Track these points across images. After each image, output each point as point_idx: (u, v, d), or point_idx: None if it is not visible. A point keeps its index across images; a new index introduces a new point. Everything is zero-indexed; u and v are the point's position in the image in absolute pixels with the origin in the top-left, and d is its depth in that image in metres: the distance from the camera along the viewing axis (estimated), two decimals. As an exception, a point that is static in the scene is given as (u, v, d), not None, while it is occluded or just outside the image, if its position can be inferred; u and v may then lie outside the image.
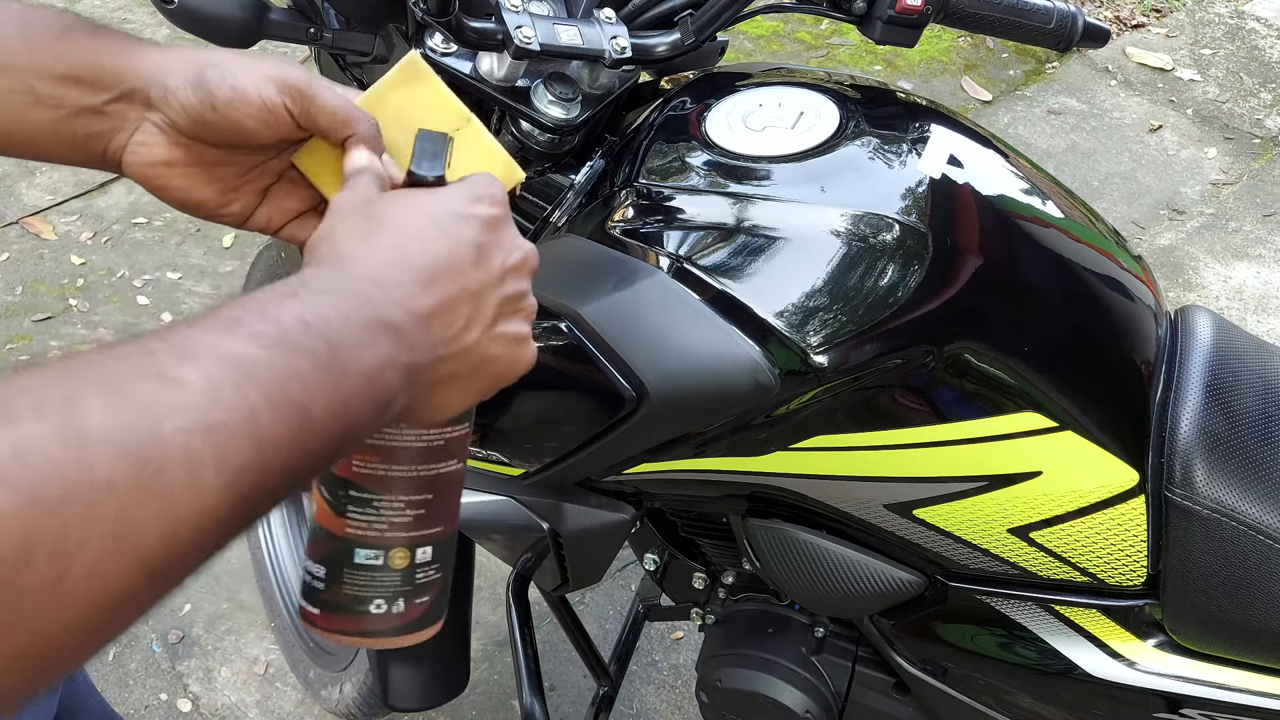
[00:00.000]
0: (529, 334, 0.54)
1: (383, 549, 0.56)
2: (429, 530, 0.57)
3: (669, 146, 0.85)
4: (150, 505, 0.34)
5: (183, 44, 0.60)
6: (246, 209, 0.61)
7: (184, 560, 0.36)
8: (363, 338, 0.43)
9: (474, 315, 0.50)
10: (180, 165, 0.58)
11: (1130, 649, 0.91)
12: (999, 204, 0.86)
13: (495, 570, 1.81)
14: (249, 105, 0.55)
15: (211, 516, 0.36)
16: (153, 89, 0.56)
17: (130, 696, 1.68)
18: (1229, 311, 2.49)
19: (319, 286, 0.44)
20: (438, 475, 0.57)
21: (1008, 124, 2.99)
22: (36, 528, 0.31)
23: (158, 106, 0.56)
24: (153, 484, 0.34)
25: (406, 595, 0.57)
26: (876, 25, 0.89)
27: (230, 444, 0.36)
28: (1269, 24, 3.44)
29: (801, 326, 0.77)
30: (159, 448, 0.34)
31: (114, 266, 2.36)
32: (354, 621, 0.57)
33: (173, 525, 0.34)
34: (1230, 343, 0.95)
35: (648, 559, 1.18)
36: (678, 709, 1.72)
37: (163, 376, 0.36)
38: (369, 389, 0.43)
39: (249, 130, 0.56)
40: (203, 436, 0.35)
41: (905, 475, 0.83)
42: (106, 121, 0.56)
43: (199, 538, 0.36)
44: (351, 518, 0.56)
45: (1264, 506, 0.83)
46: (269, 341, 0.39)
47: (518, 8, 0.78)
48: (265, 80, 0.55)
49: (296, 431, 0.39)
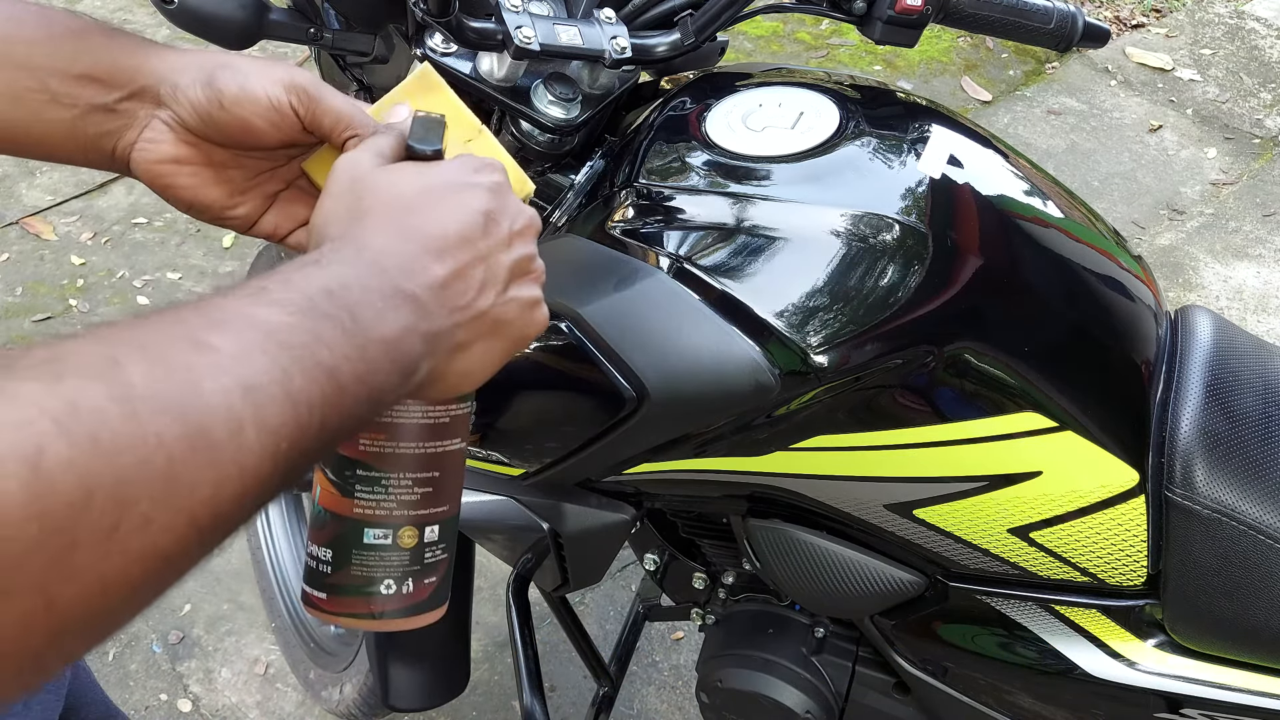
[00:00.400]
0: (540, 297, 0.55)
1: (392, 528, 0.57)
2: (436, 509, 0.58)
3: (669, 146, 0.85)
4: (197, 460, 0.35)
5: (193, 46, 0.60)
6: (253, 214, 0.61)
7: (229, 516, 0.37)
8: (383, 306, 0.44)
9: (487, 280, 0.51)
10: (188, 164, 0.58)
11: (1130, 649, 0.91)
12: (999, 204, 0.86)
13: (495, 570, 1.81)
14: (256, 104, 0.56)
15: (254, 474, 0.37)
16: (163, 87, 0.57)
17: (131, 697, 1.68)
18: (1229, 311, 2.49)
19: (336, 259, 0.46)
20: (443, 452, 0.58)
21: (1008, 124, 2.99)
22: (94, 477, 0.32)
23: (167, 104, 0.57)
24: (198, 440, 0.35)
25: (415, 575, 0.58)
26: (876, 25, 0.89)
27: (268, 404, 0.37)
28: (1269, 24, 3.44)
29: (802, 326, 0.77)
30: (201, 404, 0.35)
31: (114, 267, 2.36)
32: (364, 603, 0.57)
33: (218, 481, 0.35)
34: (1230, 343, 0.95)
35: (648, 559, 1.18)
36: (678, 709, 1.72)
37: (196, 341, 0.37)
38: (392, 355, 0.44)
39: (256, 129, 0.56)
40: (241, 396, 0.36)
41: (905, 475, 0.83)
42: (117, 119, 0.57)
43: (243, 494, 0.37)
44: (360, 497, 0.56)
45: (1264, 506, 0.83)
46: (295, 308, 0.40)
47: (518, 8, 0.78)
48: (274, 81, 0.56)
49: (329, 394, 0.40)
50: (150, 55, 0.57)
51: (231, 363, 0.37)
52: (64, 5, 3.03)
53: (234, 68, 0.56)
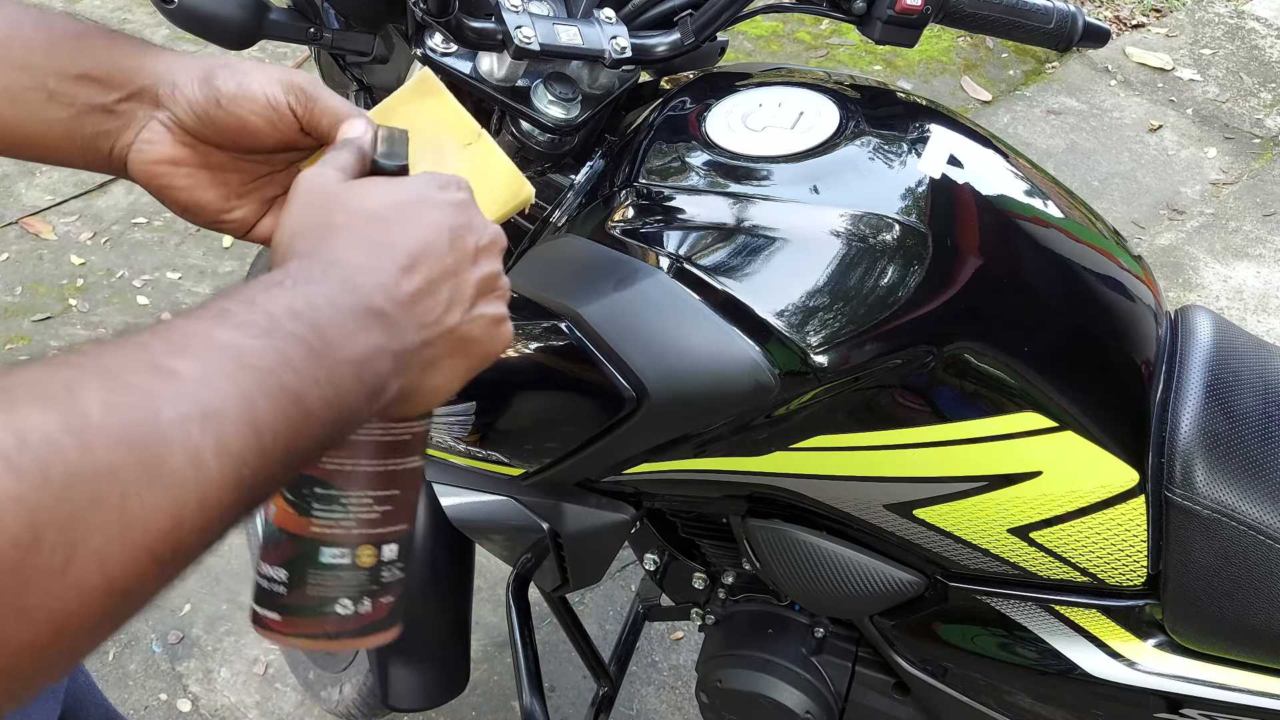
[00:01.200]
0: (505, 314, 0.54)
1: (350, 547, 0.55)
2: (395, 527, 0.57)
3: (669, 146, 0.85)
4: (154, 491, 0.34)
5: (194, 48, 0.60)
6: (249, 218, 0.61)
7: (190, 546, 0.36)
8: (354, 326, 0.43)
9: (454, 297, 0.50)
10: (184, 165, 0.58)
11: (1130, 649, 0.91)
12: (999, 204, 0.86)
13: (495, 570, 1.81)
14: (254, 102, 0.55)
15: (215, 503, 0.36)
16: (162, 87, 0.56)
17: (130, 697, 1.68)
18: (1229, 311, 2.49)
19: (304, 276, 0.44)
20: (403, 470, 0.57)
21: (1008, 124, 2.99)
22: (44, 512, 0.31)
23: (165, 104, 0.57)
24: (155, 470, 0.34)
25: (373, 594, 0.56)
26: (876, 25, 0.89)
27: (229, 431, 0.37)
28: (1269, 24, 3.44)
29: (801, 326, 0.77)
30: (159, 435, 0.35)
31: (113, 267, 2.36)
32: (319, 624, 0.56)
33: (177, 511, 0.35)
34: (1230, 343, 0.94)
35: (648, 559, 1.18)
36: (678, 709, 1.72)
37: (158, 367, 0.36)
38: (361, 376, 0.43)
39: (253, 129, 0.56)
40: (200, 424, 0.36)
41: (905, 475, 0.83)
42: (115, 120, 0.57)
43: (204, 524, 0.36)
44: (317, 516, 0.55)
45: (1264, 506, 0.83)
46: (259, 330, 0.40)
47: (518, 8, 0.78)
48: (272, 80, 0.56)
49: (293, 418, 0.39)
50: (150, 56, 0.57)
51: (193, 389, 0.36)
52: (64, 6, 3.03)
53: (232, 67, 0.56)
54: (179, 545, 0.35)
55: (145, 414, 0.35)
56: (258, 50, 0.76)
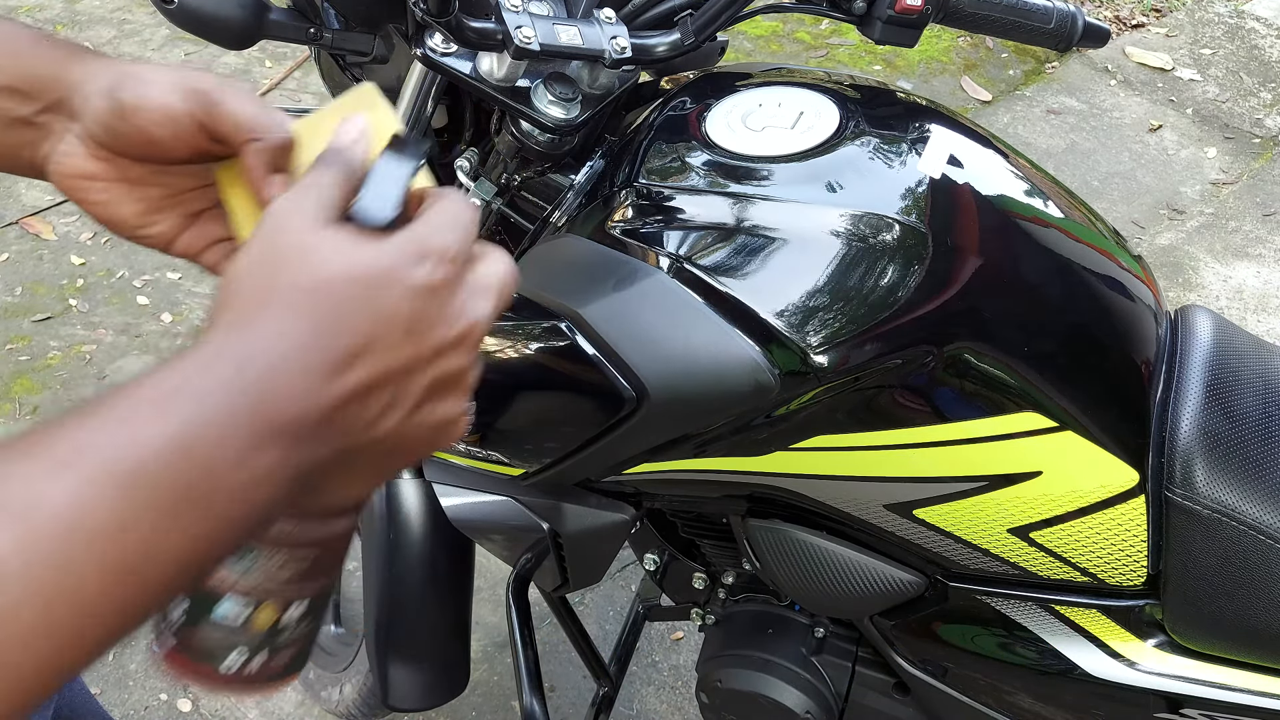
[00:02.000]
0: (463, 410, 0.46)
1: (251, 602, 0.50)
2: (308, 583, 0.51)
3: (669, 146, 0.85)
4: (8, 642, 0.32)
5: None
6: (169, 233, 0.56)
7: (48, 685, 0.34)
8: (246, 446, 0.38)
9: (395, 401, 0.42)
10: (101, 179, 0.54)
11: (1130, 649, 0.91)
12: (999, 204, 0.86)
13: (495, 570, 1.81)
14: (152, 112, 0.51)
15: (60, 669, 0.34)
16: (75, 98, 0.53)
17: (130, 697, 1.68)
18: (1229, 311, 2.49)
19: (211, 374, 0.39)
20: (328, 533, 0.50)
21: (1008, 124, 2.99)
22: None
23: (78, 116, 0.53)
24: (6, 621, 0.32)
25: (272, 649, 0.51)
26: (876, 25, 0.89)
27: (59, 615, 0.34)
28: (1269, 24, 3.44)
29: (801, 326, 0.77)
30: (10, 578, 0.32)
31: (114, 267, 2.36)
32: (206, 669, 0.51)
33: (34, 660, 0.33)
34: (1230, 343, 0.94)
35: (648, 559, 1.18)
36: (678, 710, 1.72)
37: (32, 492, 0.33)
38: (246, 502, 0.38)
39: (158, 140, 0.51)
40: (21, 608, 0.33)
41: (905, 475, 0.83)
42: (34, 132, 0.54)
43: (59, 666, 0.34)
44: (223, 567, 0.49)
45: (1264, 506, 0.83)
46: (110, 482, 0.35)
47: (518, 8, 0.78)
48: (171, 87, 0.51)
49: (131, 591, 0.36)
50: (71, 65, 0.53)
51: (15, 563, 0.33)
52: (64, 6, 3.03)
53: (137, 76, 0.51)
54: (39, 688, 0.34)
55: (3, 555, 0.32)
56: (257, 50, 0.75)
